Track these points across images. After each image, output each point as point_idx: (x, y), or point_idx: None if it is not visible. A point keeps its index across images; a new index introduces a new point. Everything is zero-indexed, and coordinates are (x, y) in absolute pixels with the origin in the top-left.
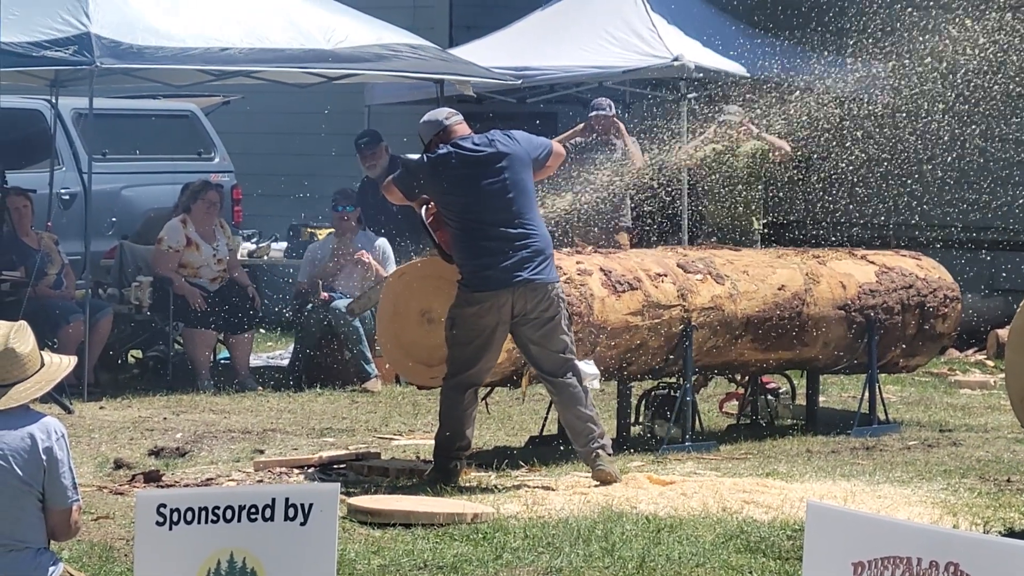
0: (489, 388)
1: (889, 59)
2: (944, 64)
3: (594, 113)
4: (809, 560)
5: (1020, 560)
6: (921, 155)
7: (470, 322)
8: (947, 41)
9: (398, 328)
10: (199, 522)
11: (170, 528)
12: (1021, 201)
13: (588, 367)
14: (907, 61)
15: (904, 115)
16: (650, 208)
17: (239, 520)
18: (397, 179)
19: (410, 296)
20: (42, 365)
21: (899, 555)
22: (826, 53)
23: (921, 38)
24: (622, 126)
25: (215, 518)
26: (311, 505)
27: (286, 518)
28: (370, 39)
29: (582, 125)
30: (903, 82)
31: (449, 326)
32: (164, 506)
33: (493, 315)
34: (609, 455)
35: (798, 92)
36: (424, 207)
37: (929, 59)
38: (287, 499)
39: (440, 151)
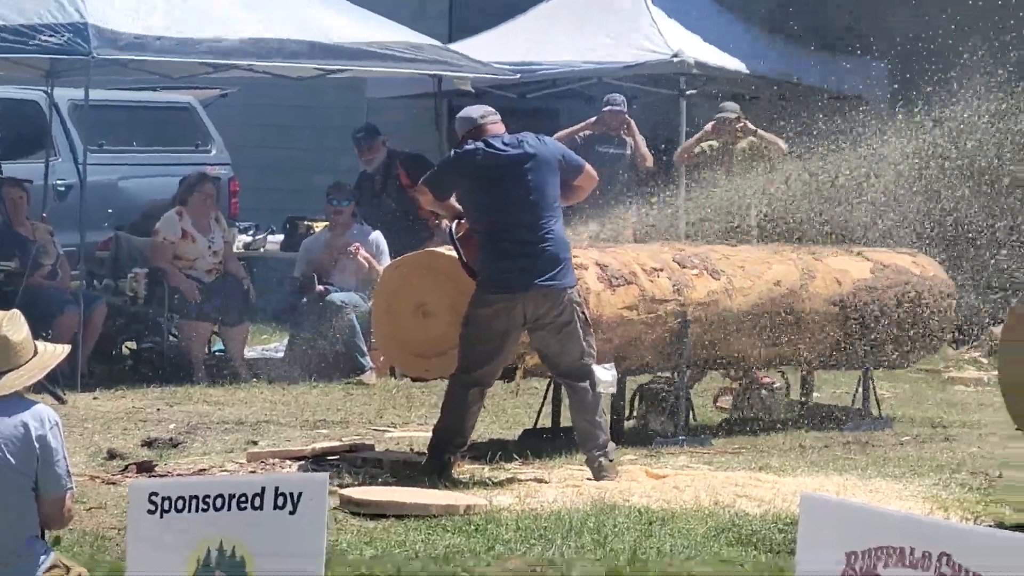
0: None
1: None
2: None
3: (608, 108)
4: (803, 550)
5: (1012, 551)
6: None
7: (483, 323)
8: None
9: (393, 320)
10: (190, 511)
11: (161, 516)
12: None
13: (605, 373)
14: None
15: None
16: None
17: (229, 509)
18: (427, 179)
19: (406, 289)
20: (35, 353)
21: (892, 545)
22: (826, 52)
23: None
24: (633, 123)
25: (206, 507)
26: (300, 494)
27: (275, 507)
28: (369, 34)
29: (594, 119)
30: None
31: (464, 324)
32: (156, 495)
33: (504, 318)
34: (611, 462)
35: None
36: (456, 221)
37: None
38: (276, 488)
39: (468, 147)
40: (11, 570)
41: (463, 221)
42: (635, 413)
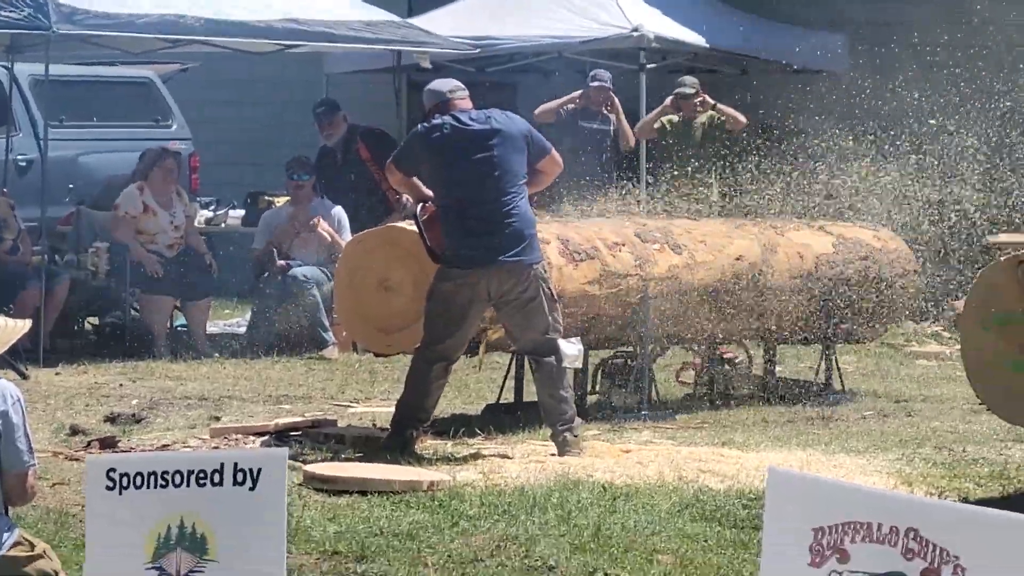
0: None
1: None
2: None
3: (595, 84)
4: (769, 525)
5: (978, 525)
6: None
7: (445, 297)
8: None
9: (355, 295)
10: (149, 487)
11: (120, 493)
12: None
13: (571, 347)
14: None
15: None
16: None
17: (188, 485)
18: (395, 156)
19: (368, 264)
20: None
21: (859, 520)
22: (786, 25)
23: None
24: (617, 101)
25: (164, 483)
26: (260, 470)
27: (235, 483)
28: (329, 10)
29: (579, 93)
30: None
31: (427, 298)
32: (114, 471)
33: (466, 293)
34: (576, 437)
35: None
36: (421, 204)
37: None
38: (235, 464)
39: (435, 121)
40: None
41: (428, 204)
42: (598, 388)
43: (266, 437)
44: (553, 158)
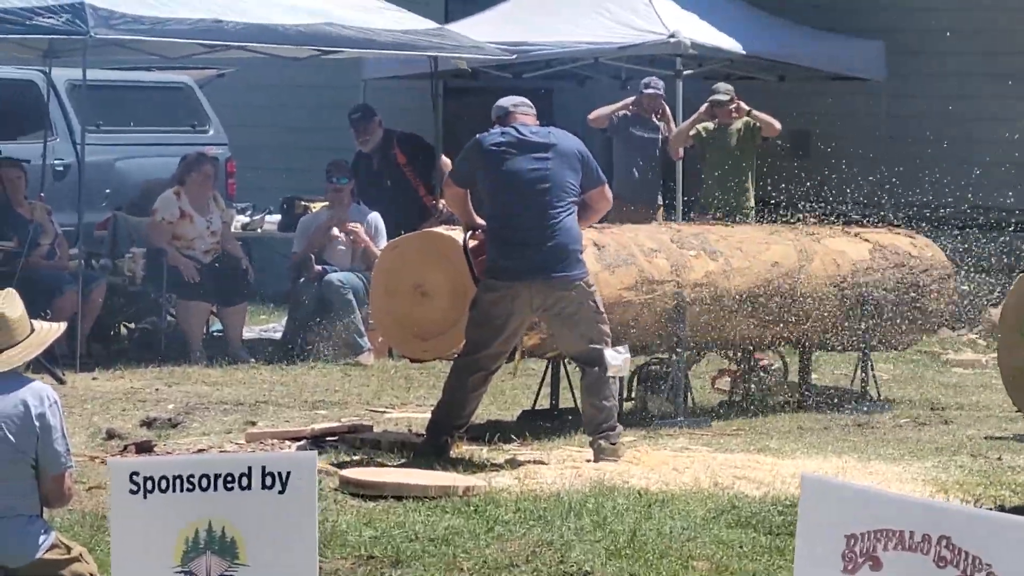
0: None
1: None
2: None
3: (648, 91)
4: (802, 531)
5: (1012, 534)
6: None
7: (486, 307)
8: None
9: (391, 301)
10: (174, 491)
11: (144, 497)
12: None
13: (616, 357)
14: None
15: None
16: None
17: (215, 489)
18: (452, 170)
19: (404, 269)
20: (32, 331)
21: (892, 528)
22: (823, 32)
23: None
24: (668, 110)
25: (191, 487)
26: (289, 473)
27: (263, 487)
28: (366, 16)
29: (631, 100)
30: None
31: (470, 307)
32: (137, 474)
33: (506, 305)
34: (613, 445)
35: None
36: (470, 232)
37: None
38: (264, 467)
39: (494, 129)
40: (12, 549)
41: (477, 232)
42: (633, 394)
43: (302, 442)
44: (604, 192)
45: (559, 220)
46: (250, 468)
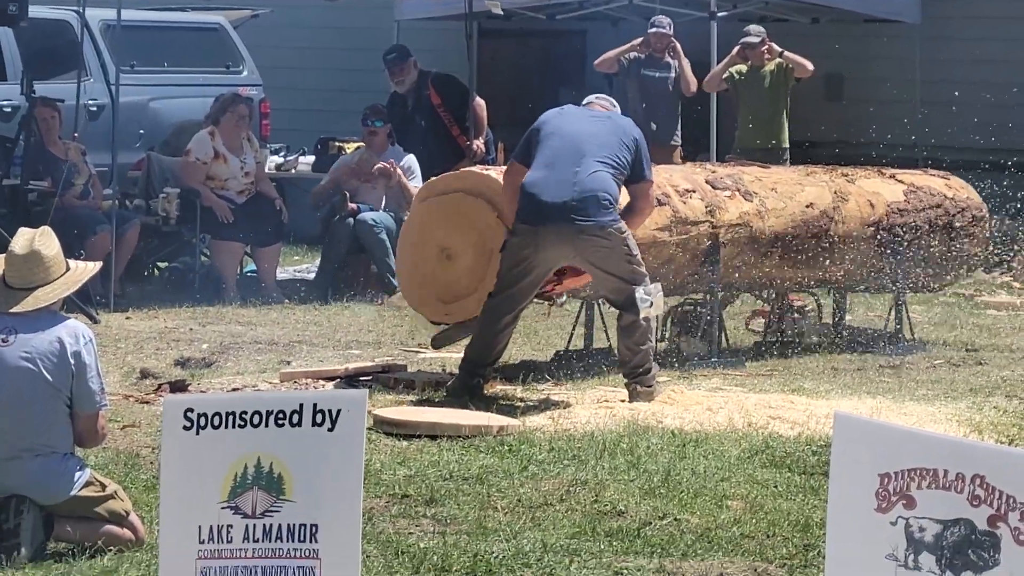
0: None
1: None
2: None
3: (653, 30)
4: (836, 470)
5: None
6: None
7: (514, 249)
8: None
9: (417, 258)
10: (226, 427)
11: (197, 433)
12: None
13: (646, 298)
14: None
15: None
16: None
17: (266, 425)
18: (515, 151)
19: (433, 227)
20: (67, 270)
21: (926, 467)
22: None
23: None
24: (678, 46)
25: (242, 423)
26: (339, 411)
27: (314, 423)
28: None
29: (639, 41)
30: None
31: (502, 247)
32: (191, 411)
33: (531, 247)
34: (648, 388)
35: None
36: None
37: None
38: (315, 404)
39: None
40: (48, 487)
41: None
42: (667, 335)
43: (336, 381)
44: (648, 191)
45: (597, 172)
46: (301, 405)
